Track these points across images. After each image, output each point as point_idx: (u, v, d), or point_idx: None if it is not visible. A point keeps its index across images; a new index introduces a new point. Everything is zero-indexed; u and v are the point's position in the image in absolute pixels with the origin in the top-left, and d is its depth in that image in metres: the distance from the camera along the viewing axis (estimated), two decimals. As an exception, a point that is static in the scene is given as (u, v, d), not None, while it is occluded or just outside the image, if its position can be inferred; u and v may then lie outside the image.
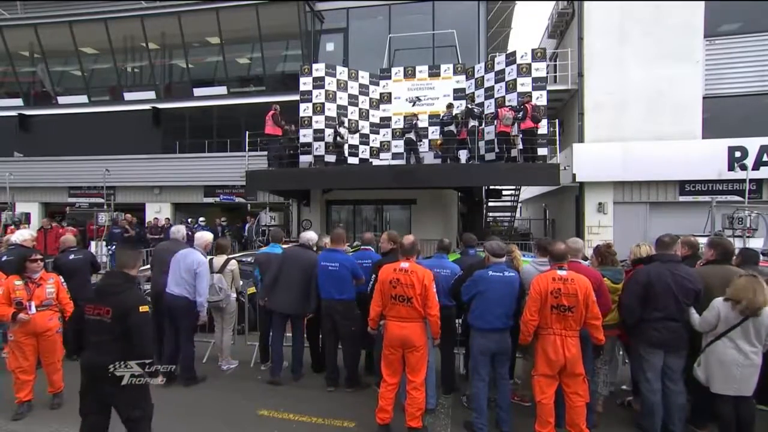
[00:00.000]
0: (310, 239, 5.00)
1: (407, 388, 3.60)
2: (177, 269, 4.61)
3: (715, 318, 3.30)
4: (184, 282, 4.56)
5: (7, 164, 15.62)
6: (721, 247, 3.80)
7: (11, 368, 3.92)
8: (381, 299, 3.66)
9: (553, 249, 3.44)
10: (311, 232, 5.20)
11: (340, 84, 11.81)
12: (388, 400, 3.61)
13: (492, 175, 10.47)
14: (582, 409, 3.28)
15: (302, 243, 4.97)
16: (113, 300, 2.79)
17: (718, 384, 3.30)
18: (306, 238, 5.02)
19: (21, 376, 3.88)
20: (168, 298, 4.60)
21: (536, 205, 19.52)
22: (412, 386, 3.56)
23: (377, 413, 3.63)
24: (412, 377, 3.57)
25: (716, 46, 11.34)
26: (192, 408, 4.18)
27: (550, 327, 3.29)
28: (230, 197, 15.33)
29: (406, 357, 3.60)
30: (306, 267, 4.66)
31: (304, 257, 4.74)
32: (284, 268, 4.72)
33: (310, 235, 5.07)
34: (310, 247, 4.94)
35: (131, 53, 15.87)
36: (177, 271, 4.60)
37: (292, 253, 4.86)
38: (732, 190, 10.56)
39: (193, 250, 4.74)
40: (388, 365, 3.65)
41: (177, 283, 4.58)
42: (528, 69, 10.57)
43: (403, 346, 3.58)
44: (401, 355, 3.61)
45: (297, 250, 4.87)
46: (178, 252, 4.72)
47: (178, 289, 4.56)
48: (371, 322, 3.84)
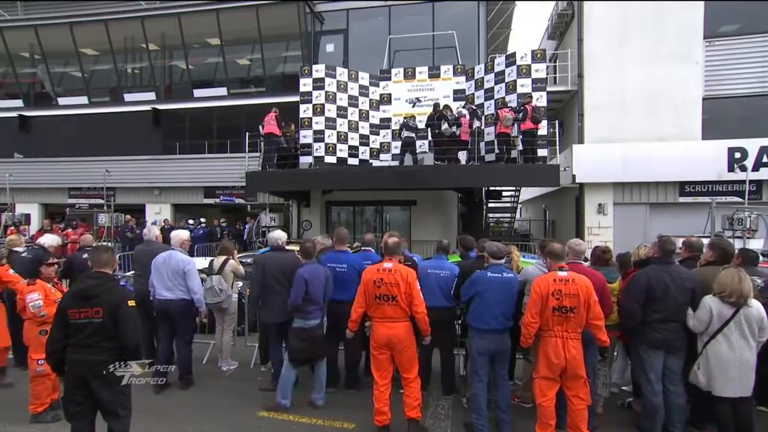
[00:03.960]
0: (278, 239, 4.70)
1: (403, 383, 3.67)
2: (163, 273, 4.48)
3: (708, 315, 3.32)
4: (175, 285, 4.49)
5: (7, 165, 15.63)
6: (720, 249, 3.82)
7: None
8: (365, 300, 3.69)
9: (551, 249, 3.43)
10: (278, 231, 4.89)
11: (340, 85, 11.81)
12: (383, 402, 3.63)
13: (492, 176, 10.46)
14: (583, 411, 3.28)
15: (275, 246, 4.67)
16: (101, 299, 2.78)
17: (719, 386, 3.29)
18: (274, 239, 4.72)
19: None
20: (161, 304, 4.52)
21: (536, 205, 19.53)
22: (408, 381, 3.64)
23: (375, 416, 3.65)
24: (405, 374, 3.65)
25: (716, 47, 11.34)
26: (192, 409, 4.17)
27: (551, 329, 3.28)
28: (230, 198, 15.33)
29: (396, 357, 3.64)
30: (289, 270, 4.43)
31: (285, 260, 4.50)
32: (268, 276, 4.44)
33: (277, 234, 4.78)
34: (282, 248, 4.69)
35: (131, 54, 15.88)
36: (163, 276, 4.48)
37: (270, 259, 4.57)
38: (732, 191, 10.55)
39: (174, 252, 4.61)
40: (378, 367, 3.67)
41: (168, 288, 4.48)
42: (528, 70, 10.58)
43: (390, 346, 3.59)
44: (389, 355, 3.63)
45: (274, 255, 4.60)
46: (159, 256, 4.58)
47: (171, 293, 4.48)
48: (352, 324, 3.82)
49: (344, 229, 4.88)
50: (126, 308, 2.82)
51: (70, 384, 2.82)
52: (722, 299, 3.27)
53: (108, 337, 2.78)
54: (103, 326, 2.76)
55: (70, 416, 2.82)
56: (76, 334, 2.78)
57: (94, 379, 2.76)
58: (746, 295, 3.22)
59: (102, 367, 2.76)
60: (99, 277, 2.92)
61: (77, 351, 2.78)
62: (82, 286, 2.89)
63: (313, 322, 4.08)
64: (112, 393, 2.81)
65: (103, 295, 2.80)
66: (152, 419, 3.83)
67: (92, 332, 2.76)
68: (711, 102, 11.26)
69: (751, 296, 3.25)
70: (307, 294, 3.99)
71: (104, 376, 2.76)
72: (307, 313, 4.05)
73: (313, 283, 4.03)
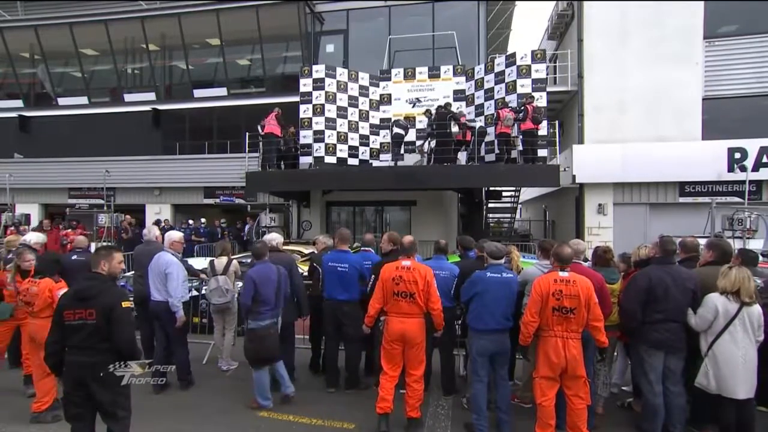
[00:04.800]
0: (273, 239, 4.80)
1: (407, 381, 3.73)
2: (153, 275, 4.54)
3: (713, 314, 3.32)
4: (162, 287, 4.51)
5: (7, 165, 15.64)
6: (719, 249, 3.82)
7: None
8: (382, 296, 3.76)
9: (560, 252, 3.38)
10: (273, 233, 5.02)
11: (340, 85, 11.82)
12: (388, 390, 3.71)
13: (492, 176, 10.47)
14: (583, 411, 3.28)
15: (270, 247, 4.67)
16: (96, 301, 2.76)
17: (729, 386, 3.26)
18: (269, 240, 4.80)
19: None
20: (153, 305, 4.57)
21: (536, 206, 19.52)
22: (413, 379, 3.70)
23: (377, 403, 3.72)
24: (413, 371, 3.71)
25: (716, 47, 11.35)
26: (192, 409, 4.17)
27: (551, 329, 3.28)
28: (230, 198, 15.34)
29: (406, 352, 3.71)
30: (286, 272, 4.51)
31: (280, 261, 4.55)
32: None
33: (271, 236, 4.87)
34: (277, 249, 4.77)
35: (131, 54, 15.90)
36: (154, 278, 4.54)
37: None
38: (732, 191, 10.56)
39: (163, 253, 4.62)
40: (389, 359, 3.75)
41: (157, 290, 4.53)
42: (528, 70, 10.59)
43: (403, 340, 3.68)
44: (402, 349, 3.71)
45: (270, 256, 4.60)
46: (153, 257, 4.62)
47: (160, 295, 4.51)
48: (368, 320, 3.93)
49: (346, 229, 4.90)
50: (120, 310, 2.78)
51: (69, 385, 2.80)
52: (728, 297, 3.28)
53: (104, 338, 2.76)
54: (98, 328, 2.74)
55: (70, 417, 2.82)
56: (73, 335, 2.77)
57: (92, 381, 2.74)
58: (752, 293, 3.27)
59: (99, 369, 2.75)
60: (95, 278, 2.89)
61: (75, 353, 2.77)
62: (78, 287, 2.88)
63: (264, 323, 4.09)
64: (110, 395, 2.79)
65: (98, 297, 2.78)
66: (152, 419, 3.82)
67: (88, 334, 2.75)
68: (711, 102, 11.27)
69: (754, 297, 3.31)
70: (257, 294, 4.03)
71: (102, 378, 2.75)
72: (258, 313, 4.08)
73: (263, 283, 4.06)
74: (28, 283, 3.97)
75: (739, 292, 3.25)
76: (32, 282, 3.94)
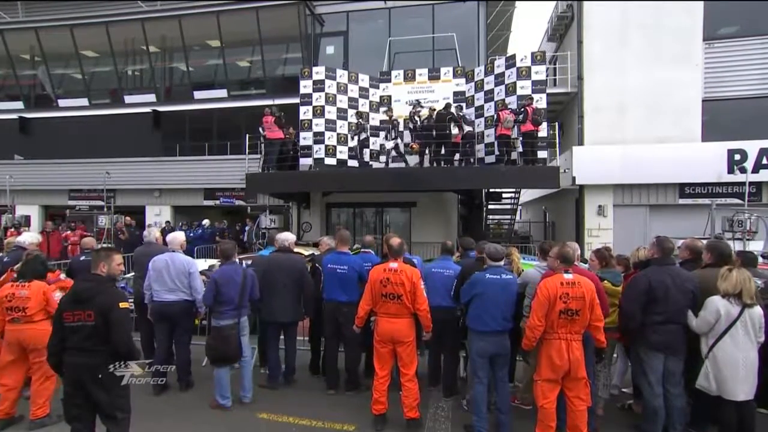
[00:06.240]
0: (286, 240, 4.79)
1: (401, 381, 3.77)
2: (166, 276, 4.45)
3: (715, 316, 3.31)
4: (178, 287, 4.46)
5: (7, 167, 15.67)
6: (717, 251, 3.82)
7: None
8: (371, 298, 3.84)
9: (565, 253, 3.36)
10: (287, 232, 5.00)
11: (340, 87, 11.82)
12: (381, 392, 3.79)
13: (492, 178, 10.46)
14: (583, 413, 3.28)
15: (282, 247, 4.77)
16: (93, 302, 2.77)
17: (730, 388, 3.25)
18: (282, 240, 4.81)
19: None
20: (162, 307, 4.49)
21: (536, 207, 19.52)
22: (406, 378, 3.75)
23: (372, 405, 3.79)
24: (405, 370, 3.77)
25: (715, 49, 11.37)
26: (192, 411, 4.17)
27: (555, 331, 3.27)
28: (230, 200, 15.34)
29: (397, 351, 3.79)
30: (294, 272, 4.58)
31: (291, 262, 4.63)
32: (270, 276, 4.57)
33: (285, 235, 4.85)
34: (290, 249, 4.80)
35: (132, 56, 15.91)
36: (166, 278, 4.45)
37: (276, 260, 4.69)
38: (732, 192, 10.56)
39: (176, 254, 4.58)
40: (380, 359, 3.84)
41: (170, 290, 4.45)
42: (528, 72, 10.59)
43: (392, 340, 3.76)
44: (391, 349, 3.80)
45: (280, 256, 4.72)
46: (158, 258, 4.52)
47: (174, 295, 4.46)
48: (358, 320, 4.02)
49: (346, 231, 4.92)
50: (117, 311, 2.78)
51: (69, 386, 2.81)
52: (731, 300, 3.28)
53: (103, 340, 2.76)
54: (97, 329, 2.75)
55: (71, 418, 2.82)
56: (72, 336, 2.77)
57: (91, 382, 2.74)
58: (753, 294, 3.28)
59: (98, 370, 2.75)
60: (93, 279, 2.90)
61: (74, 354, 2.77)
62: (77, 288, 2.89)
63: (224, 322, 4.14)
64: (109, 396, 2.80)
65: (96, 298, 2.78)
66: (152, 420, 3.82)
67: (87, 335, 2.75)
68: (710, 104, 11.28)
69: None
70: (218, 295, 4.10)
71: (101, 380, 2.75)
72: (219, 313, 4.16)
73: (225, 284, 4.12)
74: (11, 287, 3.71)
75: (741, 294, 3.25)
76: (19, 286, 3.71)
